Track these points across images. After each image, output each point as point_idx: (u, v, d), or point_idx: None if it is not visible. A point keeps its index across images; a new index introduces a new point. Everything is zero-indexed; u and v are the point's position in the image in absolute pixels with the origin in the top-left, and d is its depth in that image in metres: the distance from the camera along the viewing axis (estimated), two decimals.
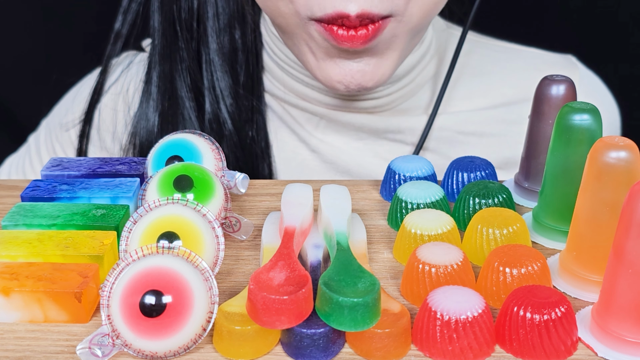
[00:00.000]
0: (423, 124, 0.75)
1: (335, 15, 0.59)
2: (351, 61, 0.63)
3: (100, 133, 0.78)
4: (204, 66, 0.73)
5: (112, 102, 0.78)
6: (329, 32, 0.60)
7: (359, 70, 0.63)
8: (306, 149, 0.75)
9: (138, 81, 0.77)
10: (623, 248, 0.42)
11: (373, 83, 0.64)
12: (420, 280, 0.47)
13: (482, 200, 0.55)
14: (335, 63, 0.63)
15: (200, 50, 0.73)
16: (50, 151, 0.82)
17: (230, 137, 0.73)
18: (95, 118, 0.78)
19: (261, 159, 0.74)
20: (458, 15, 0.80)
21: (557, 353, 0.43)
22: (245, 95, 0.73)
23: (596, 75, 0.83)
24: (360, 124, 0.74)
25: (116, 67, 0.79)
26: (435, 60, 0.76)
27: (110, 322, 0.43)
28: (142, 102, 0.75)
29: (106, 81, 0.78)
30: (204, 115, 0.73)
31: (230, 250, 0.53)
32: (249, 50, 0.73)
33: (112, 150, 0.78)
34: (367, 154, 0.75)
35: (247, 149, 0.74)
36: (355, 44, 0.60)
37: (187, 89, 0.73)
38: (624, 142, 0.46)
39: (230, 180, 0.57)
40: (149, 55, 0.76)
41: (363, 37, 0.60)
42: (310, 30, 0.62)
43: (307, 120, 0.74)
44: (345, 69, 0.63)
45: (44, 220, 0.52)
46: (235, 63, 0.73)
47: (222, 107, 0.73)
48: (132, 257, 0.44)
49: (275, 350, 0.44)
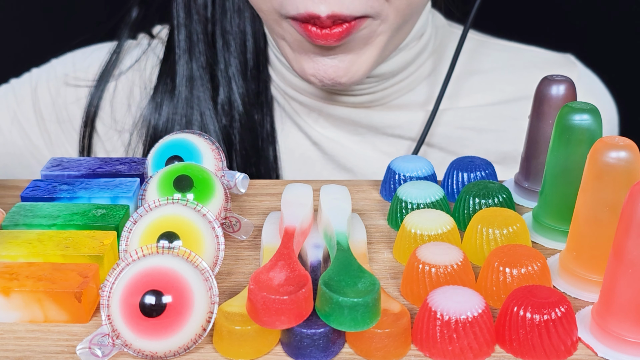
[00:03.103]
0: (420, 119, 0.75)
1: (307, 15, 0.61)
2: (325, 57, 0.65)
3: (114, 105, 0.78)
4: (217, 48, 0.74)
5: (128, 81, 0.78)
6: (304, 29, 0.62)
7: (332, 66, 0.65)
8: (308, 141, 0.76)
9: (153, 65, 0.77)
10: (623, 248, 0.42)
11: (347, 79, 0.65)
12: (420, 280, 0.47)
13: (482, 200, 0.55)
14: (310, 58, 0.65)
15: (215, 32, 0.74)
16: (44, 99, 0.80)
17: (239, 119, 0.74)
18: (108, 93, 0.78)
19: (267, 142, 0.75)
20: (457, 15, 0.80)
21: (557, 353, 0.43)
22: (255, 77, 0.74)
23: (594, 74, 0.84)
24: (357, 118, 0.74)
25: (132, 49, 0.79)
26: (433, 57, 0.76)
27: (110, 322, 0.43)
28: (158, 84, 0.76)
29: (120, 60, 0.78)
30: (217, 97, 0.74)
31: (230, 250, 0.53)
32: (257, 35, 0.75)
33: (121, 126, 0.77)
34: (366, 148, 0.75)
35: (254, 132, 0.75)
36: (329, 41, 0.62)
37: (203, 70, 0.74)
38: (624, 142, 0.46)
39: (230, 180, 0.57)
40: (167, 36, 0.77)
41: (337, 34, 0.62)
42: (286, 26, 0.64)
43: (307, 113, 0.75)
44: (319, 64, 0.65)
45: (44, 220, 0.52)
46: (245, 48, 0.74)
47: (235, 89, 0.74)
48: (132, 257, 0.44)
49: (275, 350, 0.44)
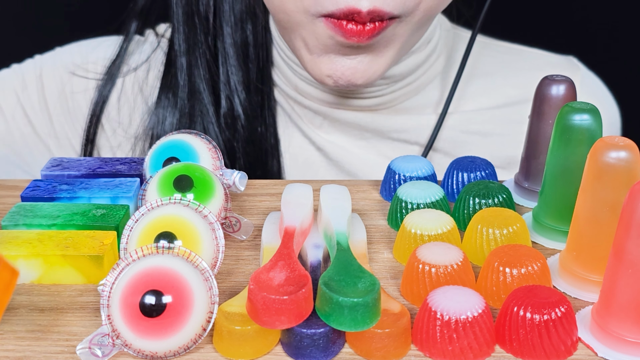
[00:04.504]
0: (427, 123, 0.75)
1: (347, 10, 0.60)
2: (346, 58, 0.64)
3: (121, 101, 0.77)
4: (220, 60, 0.74)
5: (138, 79, 0.77)
6: (339, 27, 0.61)
7: (350, 67, 0.64)
8: (312, 146, 0.75)
9: (157, 71, 0.77)
10: (623, 248, 0.42)
11: (363, 81, 0.65)
12: (420, 280, 0.47)
13: (482, 200, 0.55)
14: (330, 58, 0.64)
15: (217, 44, 0.74)
16: (49, 86, 0.79)
17: (242, 131, 0.74)
18: (116, 89, 0.77)
19: (270, 155, 0.75)
20: (465, 18, 0.80)
21: (557, 353, 0.43)
22: (258, 88, 0.74)
23: (597, 77, 0.84)
24: (364, 122, 0.74)
25: (140, 45, 0.79)
26: (441, 60, 0.76)
27: (110, 322, 0.43)
28: (160, 97, 0.75)
29: (129, 55, 0.78)
30: (220, 110, 0.74)
31: (230, 250, 0.53)
32: (259, 45, 0.74)
33: (127, 123, 0.77)
34: (371, 153, 0.75)
35: (257, 144, 0.75)
36: (361, 39, 0.61)
37: (206, 83, 0.74)
38: (624, 142, 0.46)
39: (228, 178, 0.57)
40: (167, 47, 0.76)
41: (370, 31, 0.61)
42: (316, 26, 0.63)
43: (311, 119, 0.75)
44: (337, 64, 0.64)
45: (44, 220, 0.52)
46: (247, 58, 0.74)
47: (237, 102, 0.74)
48: (132, 257, 0.44)
49: (275, 350, 0.44)
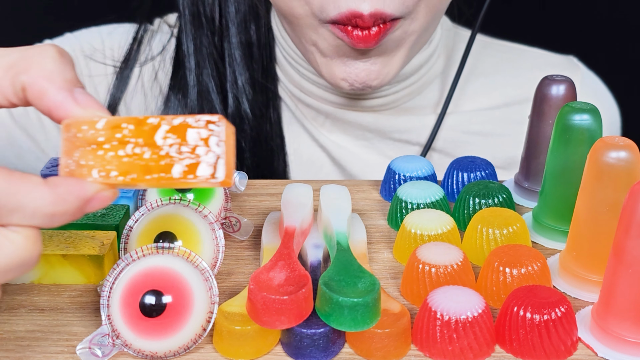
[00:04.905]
0: (429, 123, 0.75)
1: (349, 14, 0.60)
2: (359, 61, 0.64)
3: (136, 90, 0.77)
4: (227, 60, 0.74)
5: (153, 70, 0.77)
6: (345, 33, 0.61)
7: (364, 70, 0.64)
8: (316, 145, 0.75)
9: (169, 66, 0.76)
10: (623, 248, 0.42)
11: (378, 82, 0.65)
12: (420, 280, 0.47)
13: (482, 200, 0.55)
14: (343, 62, 0.64)
15: (223, 44, 0.74)
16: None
17: (249, 131, 0.74)
18: (133, 78, 0.77)
19: (276, 154, 0.75)
20: (466, 17, 0.80)
21: (557, 353, 0.43)
22: (263, 88, 0.74)
23: (597, 77, 0.84)
24: (366, 122, 0.74)
25: (154, 35, 0.78)
26: (442, 59, 0.76)
27: (110, 322, 0.43)
28: (169, 98, 0.75)
29: (144, 44, 0.77)
30: (227, 110, 0.74)
31: (230, 250, 0.53)
32: (263, 45, 0.74)
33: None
34: (373, 153, 0.75)
35: (263, 144, 0.75)
36: (368, 44, 0.61)
37: (214, 83, 0.74)
38: (624, 142, 0.46)
39: None
40: (175, 48, 0.76)
41: (375, 35, 0.61)
42: (323, 32, 0.63)
43: (314, 118, 0.75)
44: (351, 67, 0.64)
45: None
46: (251, 58, 0.74)
47: (244, 102, 0.73)
48: (132, 257, 0.44)
49: (275, 350, 0.44)
